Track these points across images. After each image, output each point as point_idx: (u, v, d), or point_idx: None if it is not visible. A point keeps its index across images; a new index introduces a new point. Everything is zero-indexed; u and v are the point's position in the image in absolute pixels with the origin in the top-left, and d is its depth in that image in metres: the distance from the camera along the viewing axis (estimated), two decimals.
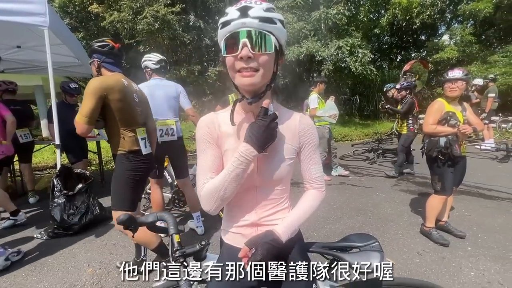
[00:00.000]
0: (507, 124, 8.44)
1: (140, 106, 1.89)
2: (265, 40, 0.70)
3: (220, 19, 0.75)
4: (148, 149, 1.92)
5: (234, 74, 0.74)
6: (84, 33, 12.87)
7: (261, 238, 0.78)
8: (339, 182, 4.46)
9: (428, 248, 2.39)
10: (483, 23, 12.11)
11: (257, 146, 0.73)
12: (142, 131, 1.89)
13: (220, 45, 0.76)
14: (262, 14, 0.69)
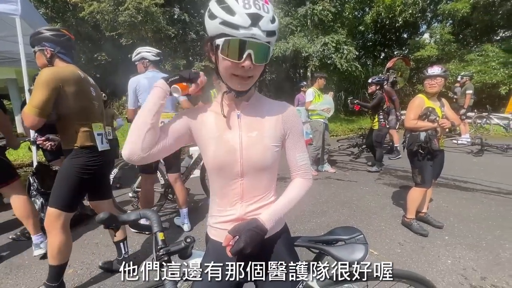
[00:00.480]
0: (482, 120, 8.89)
1: (97, 100, 1.81)
2: (267, 52, 0.73)
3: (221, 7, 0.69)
4: (105, 145, 1.81)
5: (229, 76, 0.75)
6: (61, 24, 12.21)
7: (245, 225, 0.77)
8: (325, 176, 4.55)
9: (408, 239, 2.49)
10: (461, 23, 12.64)
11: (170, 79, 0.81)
12: (99, 126, 1.80)
13: (211, 33, 0.73)
14: (269, 27, 0.71)
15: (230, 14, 0.68)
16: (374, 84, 4.69)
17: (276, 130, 0.85)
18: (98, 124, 1.79)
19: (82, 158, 1.68)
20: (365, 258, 0.86)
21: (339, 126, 10.23)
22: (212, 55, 0.78)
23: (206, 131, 0.84)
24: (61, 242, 1.67)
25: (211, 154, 0.82)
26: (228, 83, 0.77)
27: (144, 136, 0.78)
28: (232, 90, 0.79)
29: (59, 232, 1.65)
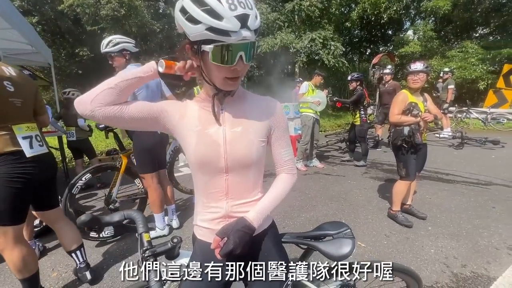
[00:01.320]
0: (462, 114, 9.25)
1: (18, 97, 1.52)
2: (254, 50, 0.71)
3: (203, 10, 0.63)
4: (37, 150, 1.56)
5: (220, 80, 0.73)
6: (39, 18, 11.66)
7: (233, 226, 0.76)
8: (314, 171, 4.60)
9: (394, 230, 2.57)
10: (443, 20, 13.03)
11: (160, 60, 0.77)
12: (26, 127, 1.54)
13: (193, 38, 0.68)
14: (256, 24, 0.68)
15: (217, 19, 0.63)
16: (354, 81, 4.79)
17: (262, 125, 0.84)
18: (24, 126, 1.53)
19: (6, 166, 1.44)
20: (352, 252, 0.87)
21: (327, 122, 10.37)
22: (195, 59, 0.74)
23: (185, 123, 0.82)
24: (20, 256, 1.50)
25: (192, 148, 0.80)
26: (220, 86, 0.75)
27: (102, 90, 0.73)
28: (222, 91, 0.78)
29: (14, 247, 1.49)
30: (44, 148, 1.63)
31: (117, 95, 0.75)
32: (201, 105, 0.84)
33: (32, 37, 3.73)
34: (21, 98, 1.54)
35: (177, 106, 0.84)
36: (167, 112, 0.82)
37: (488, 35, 12.71)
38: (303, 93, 4.51)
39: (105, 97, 0.73)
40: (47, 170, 1.66)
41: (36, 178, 1.56)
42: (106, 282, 1.92)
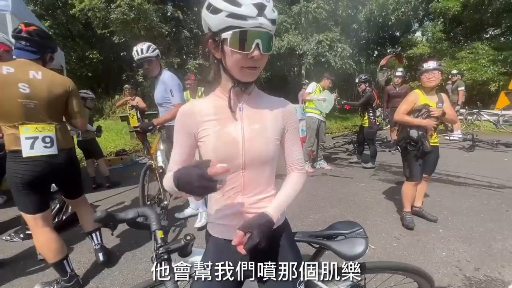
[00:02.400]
0: (472, 116, 9.06)
1: (33, 99, 1.57)
2: (271, 42, 0.74)
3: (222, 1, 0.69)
4: (38, 151, 1.60)
5: (237, 69, 0.75)
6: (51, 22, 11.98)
7: (255, 220, 0.77)
8: (321, 173, 4.57)
9: (404, 232, 2.53)
10: (452, 21, 12.82)
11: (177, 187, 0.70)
12: (34, 128, 1.59)
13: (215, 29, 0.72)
14: (273, 16, 0.72)
15: (236, 5, 0.68)
16: (362, 82, 4.75)
17: (277, 124, 0.86)
18: (32, 126, 1.58)
19: (10, 162, 1.59)
20: (366, 252, 0.86)
21: (334, 124, 10.30)
22: (216, 52, 0.77)
23: (204, 127, 0.83)
24: (45, 240, 1.68)
25: (210, 147, 0.81)
26: (238, 76, 0.77)
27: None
28: (240, 82, 0.79)
29: (38, 232, 1.68)
30: (51, 149, 1.65)
31: None
32: (217, 103, 0.84)
33: None
34: (36, 100, 1.58)
35: (193, 116, 0.83)
36: (193, 130, 0.84)
37: (499, 36, 12.44)
38: (310, 92, 4.49)
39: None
40: (55, 170, 1.69)
41: (39, 176, 1.61)
42: (117, 278, 1.95)
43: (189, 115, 0.84)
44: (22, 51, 1.61)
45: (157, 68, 2.50)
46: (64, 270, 1.75)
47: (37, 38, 1.63)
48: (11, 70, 1.52)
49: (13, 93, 1.51)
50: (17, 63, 1.59)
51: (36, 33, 1.62)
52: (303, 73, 11.25)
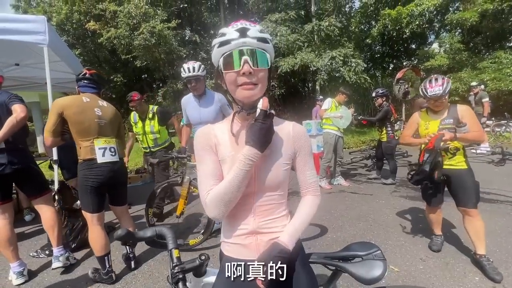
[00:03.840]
0: (501, 128, 8.55)
1: (103, 119, 2.11)
2: (262, 57, 0.78)
3: (216, 37, 0.81)
4: (107, 158, 2.08)
5: (235, 88, 0.79)
6: (81, 50, 13.08)
7: (268, 253, 0.77)
8: (339, 190, 4.45)
9: (430, 254, 2.37)
10: (470, 31, 12.51)
11: (259, 146, 0.76)
12: (103, 141, 2.08)
13: (216, 63, 0.81)
14: (258, 34, 0.78)
15: (222, 36, 0.79)
16: (379, 97, 4.67)
17: (287, 149, 0.88)
18: (102, 140, 2.08)
19: (84, 169, 2.02)
20: (384, 275, 0.83)
21: (351, 138, 10.10)
22: (222, 83, 0.83)
23: (222, 151, 0.86)
24: (93, 236, 2.06)
25: (225, 173, 0.84)
26: (237, 95, 0.80)
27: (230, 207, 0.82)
28: (242, 104, 0.82)
29: (92, 228, 2.07)
30: (115, 157, 2.14)
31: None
32: (233, 128, 0.88)
33: (77, 67, 4.17)
34: (105, 120, 2.13)
35: (212, 139, 0.87)
36: (215, 151, 0.87)
37: None
38: (326, 109, 4.48)
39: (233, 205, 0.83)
40: (115, 174, 2.14)
41: (105, 179, 2.06)
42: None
43: (207, 136, 0.88)
44: (87, 87, 2.19)
45: (203, 87, 2.65)
46: (104, 264, 2.08)
47: (96, 79, 2.24)
48: (88, 99, 2.08)
49: (92, 115, 2.05)
50: (88, 95, 2.15)
51: (96, 75, 2.25)
52: (317, 89, 11.30)
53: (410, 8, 11.61)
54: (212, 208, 0.81)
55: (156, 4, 10.57)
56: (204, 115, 2.64)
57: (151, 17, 9.98)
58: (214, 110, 2.63)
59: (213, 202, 0.80)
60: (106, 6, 10.57)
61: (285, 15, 10.64)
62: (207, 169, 0.85)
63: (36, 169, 2.34)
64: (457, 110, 2.13)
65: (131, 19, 9.96)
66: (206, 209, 0.83)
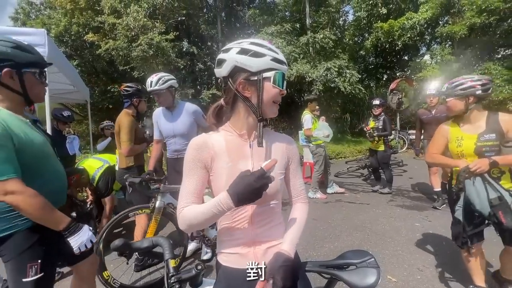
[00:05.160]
0: None
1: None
2: None
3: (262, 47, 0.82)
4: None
5: (271, 103, 0.86)
6: (79, 61, 13.16)
7: (273, 263, 0.78)
8: (336, 199, 4.46)
9: (428, 264, 2.37)
10: (460, 44, 12.91)
11: (236, 201, 0.72)
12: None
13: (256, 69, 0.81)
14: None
15: (276, 53, 0.84)
16: (381, 106, 4.69)
17: (282, 159, 0.92)
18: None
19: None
20: (378, 283, 0.84)
21: (347, 148, 10.18)
22: (245, 90, 0.83)
23: (218, 162, 0.86)
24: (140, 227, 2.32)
25: (223, 184, 0.83)
26: (269, 110, 0.86)
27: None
28: (266, 117, 0.87)
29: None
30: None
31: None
32: (229, 138, 0.89)
33: (75, 78, 4.22)
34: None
35: (206, 152, 0.87)
36: (207, 165, 0.87)
37: (511, 56, 12.34)
38: (309, 127, 4.47)
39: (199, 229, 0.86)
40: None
41: None
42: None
43: (202, 148, 0.86)
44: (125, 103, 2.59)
45: (168, 100, 2.40)
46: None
47: (125, 92, 2.52)
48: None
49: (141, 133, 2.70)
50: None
51: (124, 89, 2.55)
52: None
53: (402, 21, 12.01)
54: (182, 224, 0.84)
55: (155, 17, 10.77)
56: (177, 127, 2.45)
57: (149, 29, 10.14)
58: (188, 121, 2.46)
59: (184, 219, 0.82)
60: (105, 18, 10.73)
61: (281, 28, 10.91)
62: (189, 185, 0.85)
63: None
64: (499, 121, 1.65)
65: (129, 31, 10.11)
66: (178, 220, 0.85)
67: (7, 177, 1.04)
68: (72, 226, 1.19)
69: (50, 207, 1.14)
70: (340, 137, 11.97)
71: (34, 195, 1.08)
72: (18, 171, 1.08)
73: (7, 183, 1.03)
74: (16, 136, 1.09)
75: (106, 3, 10.74)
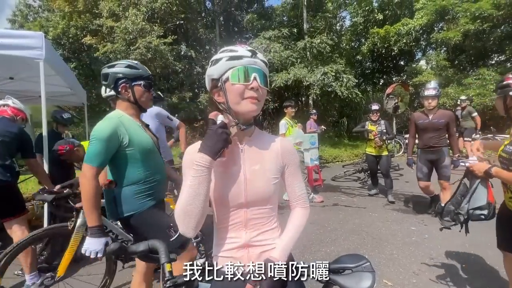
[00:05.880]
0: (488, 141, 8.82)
1: None
2: (265, 79, 0.85)
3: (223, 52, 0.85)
4: None
5: (240, 101, 0.82)
6: (76, 63, 13.13)
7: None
8: (333, 203, 4.47)
9: (424, 267, 2.38)
10: (455, 49, 13.13)
11: (209, 152, 0.77)
12: None
13: (219, 75, 0.84)
14: (264, 59, 0.87)
15: (233, 51, 0.83)
16: (379, 111, 4.65)
17: (277, 163, 0.92)
18: None
19: None
20: (373, 287, 0.85)
21: (344, 152, 10.23)
22: (219, 96, 0.86)
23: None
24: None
25: (214, 187, 0.86)
26: (241, 108, 0.82)
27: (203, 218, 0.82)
28: (240, 119, 0.85)
29: None
30: None
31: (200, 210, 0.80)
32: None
33: (72, 81, 4.21)
34: None
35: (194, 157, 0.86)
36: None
37: (504, 62, 12.56)
38: (284, 133, 4.44)
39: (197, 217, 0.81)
40: None
41: None
42: None
43: (193, 154, 0.86)
44: None
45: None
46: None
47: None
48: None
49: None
50: None
51: None
52: (310, 103, 11.52)
53: (397, 27, 12.21)
54: (179, 222, 0.81)
55: (153, 20, 10.82)
56: None
57: (147, 32, 10.17)
58: (154, 127, 2.35)
59: (179, 215, 0.81)
60: (103, 21, 10.76)
61: (279, 33, 11.01)
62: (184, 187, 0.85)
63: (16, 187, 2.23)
64: None
65: (127, 35, 10.13)
66: (177, 223, 0.82)
67: (92, 165, 1.34)
68: (95, 230, 1.35)
69: (95, 205, 1.35)
70: (337, 141, 12.04)
71: (94, 188, 1.33)
72: (103, 164, 1.38)
73: (91, 169, 1.33)
74: (129, 135, 1.42)
75: (104, 6, 10.77)
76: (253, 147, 0.91)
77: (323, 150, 9.88)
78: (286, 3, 13.42)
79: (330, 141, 11.62)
